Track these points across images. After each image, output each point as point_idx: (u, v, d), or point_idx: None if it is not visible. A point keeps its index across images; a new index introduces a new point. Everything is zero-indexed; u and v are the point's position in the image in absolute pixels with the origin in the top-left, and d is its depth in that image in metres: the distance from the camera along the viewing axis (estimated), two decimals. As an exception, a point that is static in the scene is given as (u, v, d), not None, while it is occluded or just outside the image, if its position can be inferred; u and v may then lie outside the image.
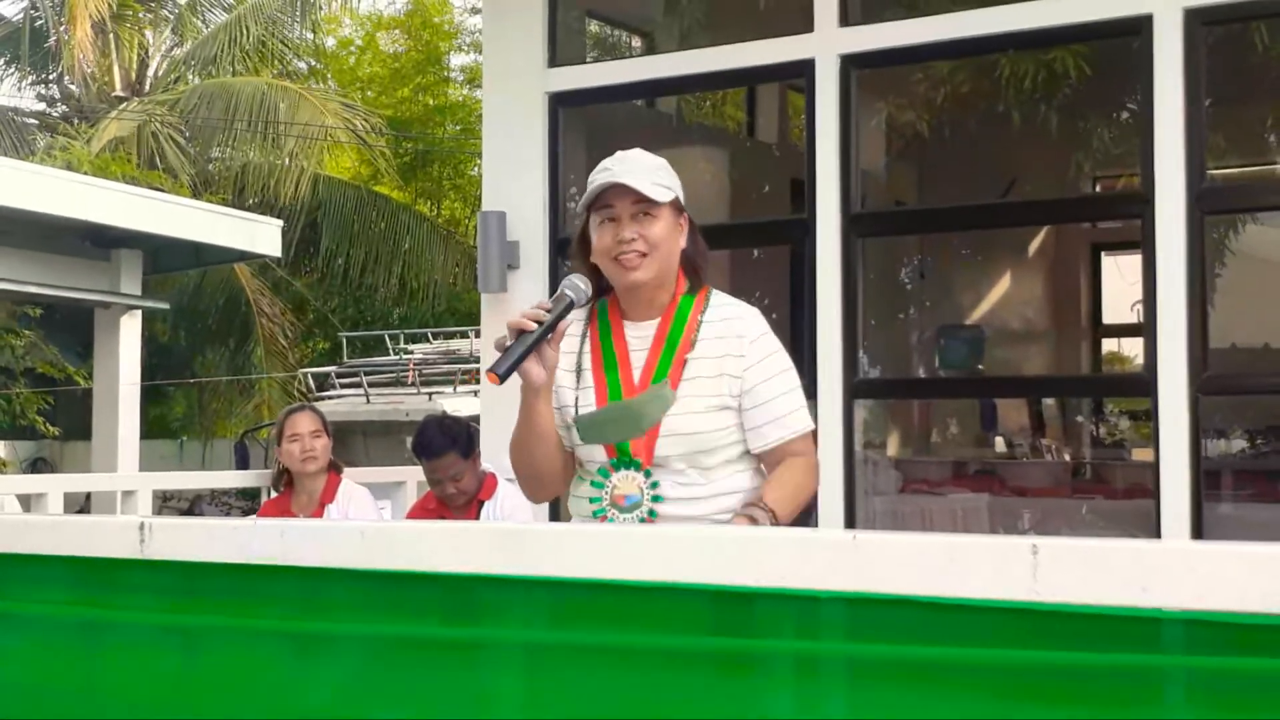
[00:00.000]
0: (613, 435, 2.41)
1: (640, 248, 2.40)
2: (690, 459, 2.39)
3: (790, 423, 2.43)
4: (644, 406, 2.39)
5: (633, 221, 2.41)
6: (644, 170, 2.44)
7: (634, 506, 2.38)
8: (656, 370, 2.42)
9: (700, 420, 2.39)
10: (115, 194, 9.60)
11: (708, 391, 2.40)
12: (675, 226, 2.46)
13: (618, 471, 2.40)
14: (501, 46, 4.48)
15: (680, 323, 2.46)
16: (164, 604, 1.74)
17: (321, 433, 4.46)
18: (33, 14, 18.24)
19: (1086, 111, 6.71)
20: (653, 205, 2.41)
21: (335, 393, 11.13)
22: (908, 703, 1.34)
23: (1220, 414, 5.87)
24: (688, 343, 2.43)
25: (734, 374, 2.41)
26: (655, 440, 2.38)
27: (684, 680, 1.45)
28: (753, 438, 2.43)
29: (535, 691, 1.53)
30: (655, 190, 2.41)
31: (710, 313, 2.48)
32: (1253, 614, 1.21)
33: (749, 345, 2.44)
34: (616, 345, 2.47)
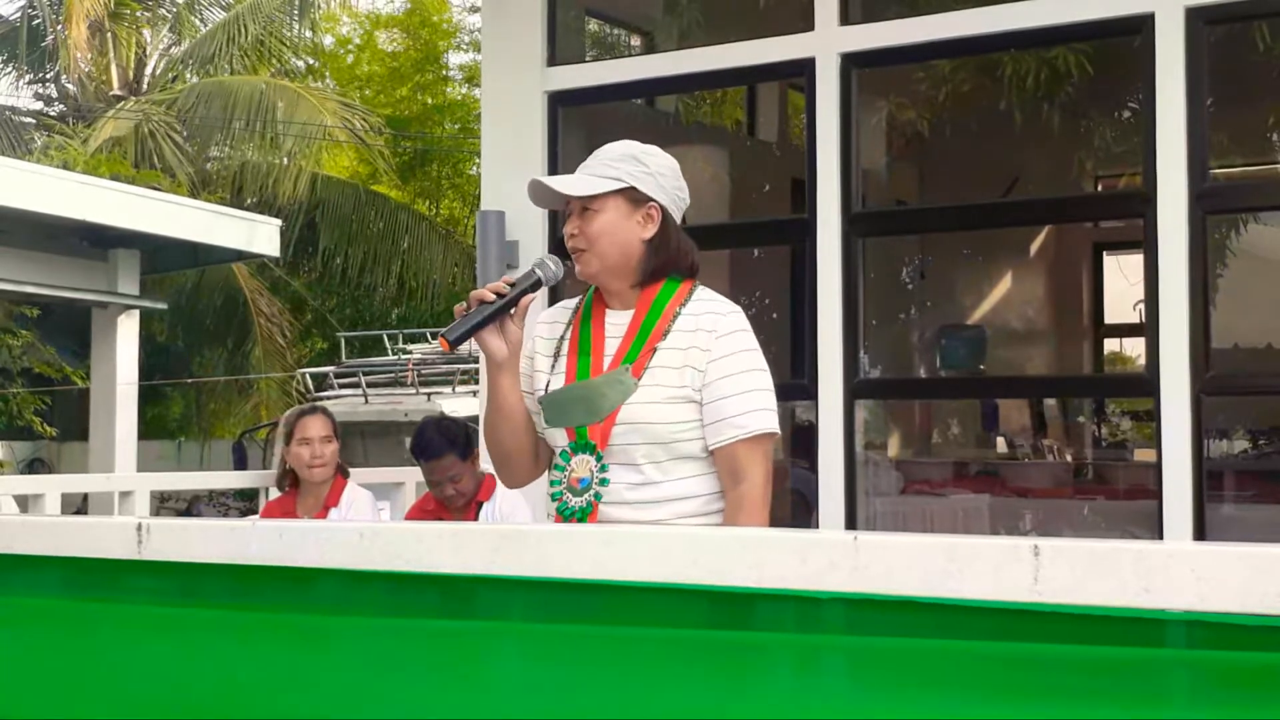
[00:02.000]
0: (573, 418, 2.40)
1: (579, 244, 2.42)
2: (645, 450, 2.36)
3: (745, 423, 2.36)
4: (604, 389, 2.38)
5: (577, 216, 2.44)
6: (598, 164, 2.45)
7: (585, 490, 2.37)
8: (625, 357, 2.40)
9: (658, 410, 2.36)
10: (113, 193, 9.59)
11: (670, 382, 2.37)
12: (627, 217, 2.43)
13: (576, 455, 2.39)
14: (500, 45, 4.47)
15: (656, 312, 2.44)
16: (162, 605, 1.73)
17: (332, 437, 4.46)
18: (30, 13, 18.24)
19: (1088, 110, 6.71)
20: (592, 199, 2.41)
21: (333, 393, 11.12)
22: (908, 704, 1.34)
23: (1223, 414, 5.86)
24: (660, 332, 2.41)
25: (697, 367, 2.38)
26: (611, 426, 2.36)
27: (683, 681, 1.44)
28: (709, 433, 2.38)
29: (534, 692, 1.52)
30: (582, 184, 2.42)
31: (690, 305, 2.45)
32: (1255, 615, 1.20)
33: (716, 340, 2.40)
34: (594, 331, 2.47)
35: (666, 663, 1.44)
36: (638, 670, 1.46)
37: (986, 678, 1.31)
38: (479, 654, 1.55)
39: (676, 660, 1.44)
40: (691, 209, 2.57)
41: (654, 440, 2.36)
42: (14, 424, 14.43)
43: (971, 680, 1.31)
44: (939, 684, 1.33)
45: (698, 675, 1.44)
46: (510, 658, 1.53)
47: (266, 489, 5.01)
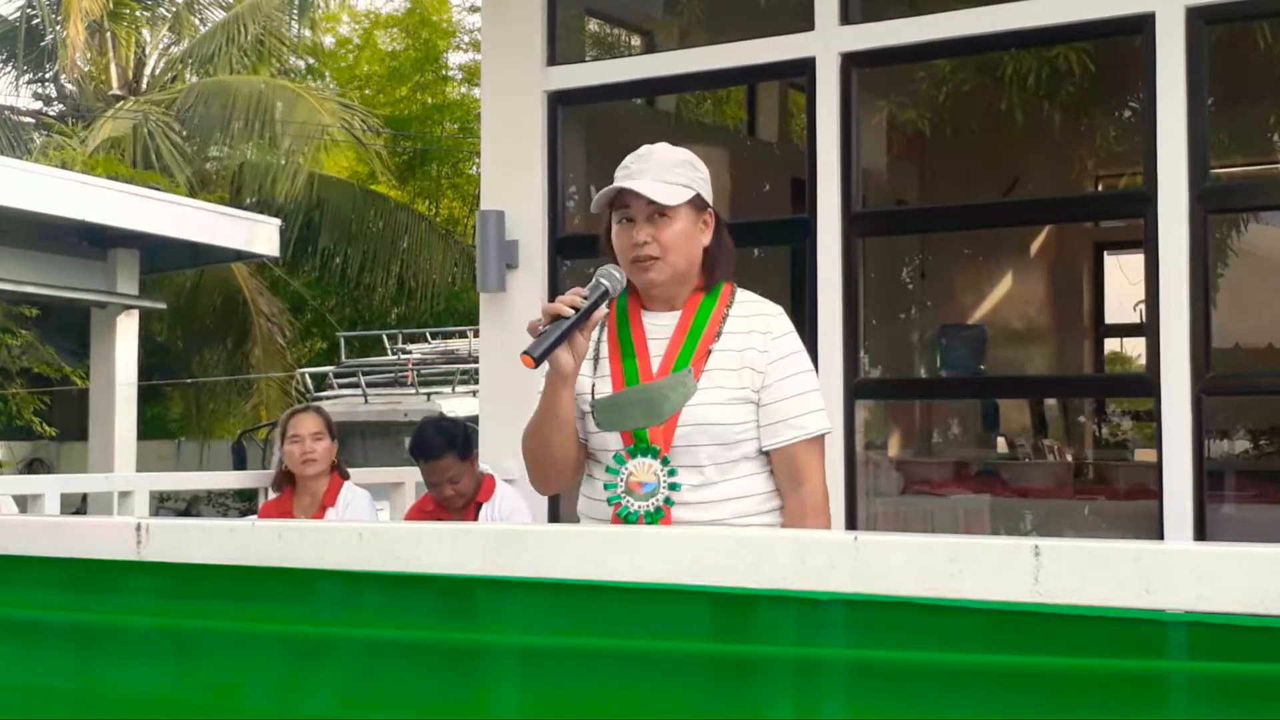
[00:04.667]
0: (631, 421, 2.39)
1: (653, 251, 2.40)
2: (709, 451, 2.37)
3: (804, 424, 2.41)
4: (666, 391, 2.38)
5: (647, 223, 2.41)
6: (661, 169, 2.43)
7: (650, 494, 2.35)
8: (678, 359, 2.40)
9: (721, 411, 2.37)
10: (112, 193, 9.59)
11: (730, 383, 2.39)
12: (695, 225, 2.45)
13: (634, 459, 2.38)
14: (500, 45, 4.47)
15: (704, 315, 2.45)
16: (161, 605, 1.73)
17: (324, 435, 4.45)
18: (29, 12, 18.23)
19: (1089, 110, 6.71)
20: (667, 207, 2.40)
21: (333, 393, 11.11)
22: (908, 704, 1.33)
23: (1223, 414, 5.86)
24: (712, 334, 2.42)
25: (756, 368, 2.40)
26: (674, 429, 2.36)
27: (683, 682, 1.44)
28: (765, 435, 2.41)
29: (533, 693, 1.52)
30: (668, 192, 2.39)
31: (736, 307, 2.47)
32: (1256, 616, 1.20)
33: (773, 341, 2.43)
34: (635, 334, 2.46)
35: (666, 663, 1.44)
36: (637, 671, 1.45)
37: (986, 677, 1.31)
38: (478, 653, 1.54)
39: (676, 660, 1.44)
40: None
41: (718, 441, 2.37)
42: (13, 424, 14.42)
43: (972, 680, 1.31)
44: (939, 684, 1.33)
45: (697, 675, 1.43)
46: (509, 657, 1.53)
47: (265, 489, 5.00)
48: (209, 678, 1.70)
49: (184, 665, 1.72)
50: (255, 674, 1.66)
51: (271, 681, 1.66)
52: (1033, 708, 1.29)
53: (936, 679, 1.32)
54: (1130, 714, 1.26)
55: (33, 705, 1.84)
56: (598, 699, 1.46)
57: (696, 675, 1.43)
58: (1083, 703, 1.27)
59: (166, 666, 1.73)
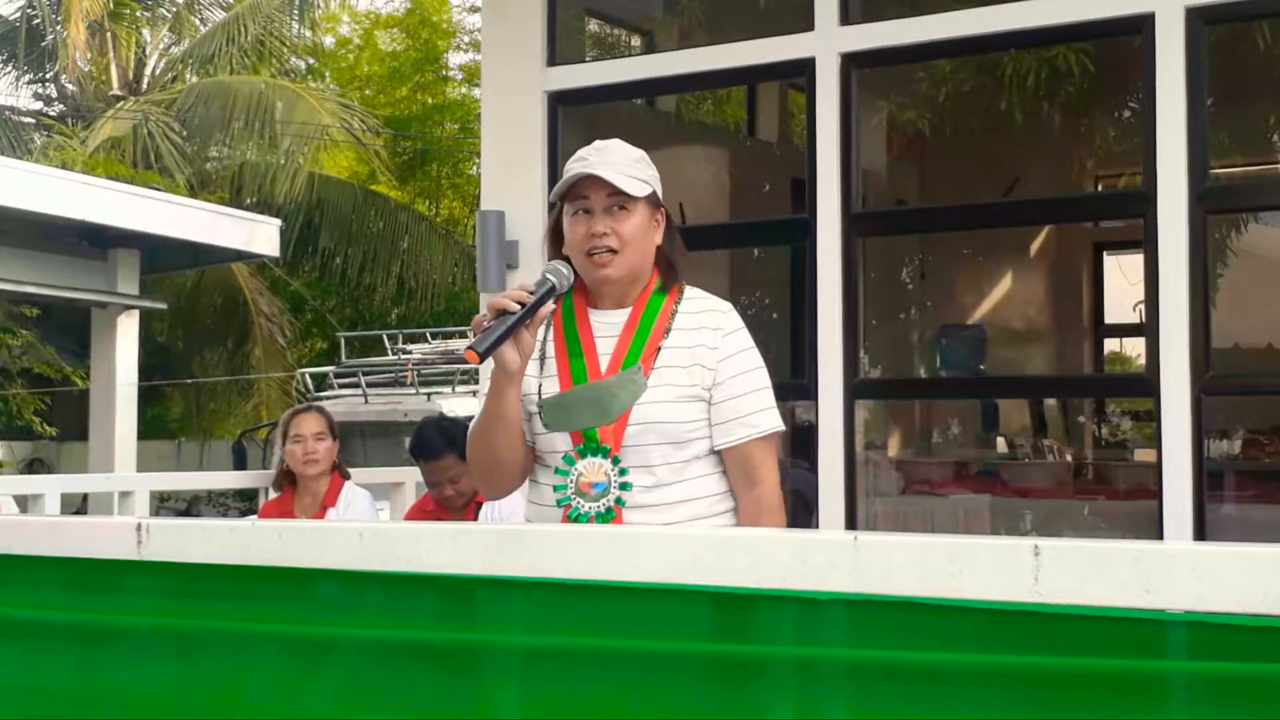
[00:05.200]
0: (580, 421, 2.34)
1: (612, 244, 2.35)
2: (660, 451, 2.32)
3: (757, 422, 2.37)
4: (615, 390, 2.33)
5: (606, 215, 2.35)
6: (621, 162, 2.38)
7: (601, 495, 2.31)
8: (627, 357, 2.35)
9: (672, 409, 2.33)
10: (112, 193, 9.59)
11: (680, 381, 2.34)
12: (651, 222, 2.40)
13: (583, 459, 2.33)
14: (500, 45, 4.47)
15: (653, 312, 2.40)
16: (161, 605, 1.73)
17: (325, 435, 4.45)
18: (29, 13, 18.23)
19: (1088, 110, 6.71)
20: (627, 199, 2.35)
21: (333, 393, 11.11)
22: (909, 704, 1.33)
23: (1223, 414, 5.86)
24: (660, 331, 2.37)
25: (707, 365, 2.36)
26: (624, 427, 2.31)
27: (683, 682, 1.44)
28: (718, 433, 2.37)
29: (534, 693, 1.52)
30: (631, 184, 2.35)
31: (685, 304, 2.43)
32: (1256, 615, 1.20)
33: (724, 338, 2.39)
34: (581, 333, 2.40)
35: (666, 663, 1.44)
36: (637, 670, 1.45)
37: (986, 677, 1.31)
38: (478, 653, 1.54)
39: (676, 660, 1.44)
40: (691, 209, 2.57)
41: (669, 440, 2.33)
42: (14, 424, 14.42)
43: (972, 680, 1.31)
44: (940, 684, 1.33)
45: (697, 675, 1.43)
46: (510, 656, 1.53)
47: (266, 489, 5.01)
48: (209, 678, 1.70)
49: (184, 665, 1.72)
50: (255, 674, 1.66)
51: (271, 681, 1.66)
52: (1033, 708, 1.29)
53: (936, 679, 1.32)
54: (1130, 714, 1.26)
55: (33, 705, 1.84)
56: (598, 699, 1.46)
57: (696, 675, 1.43)
58: (1083, 703, 1.27)
59: (166, 666, 1.73)
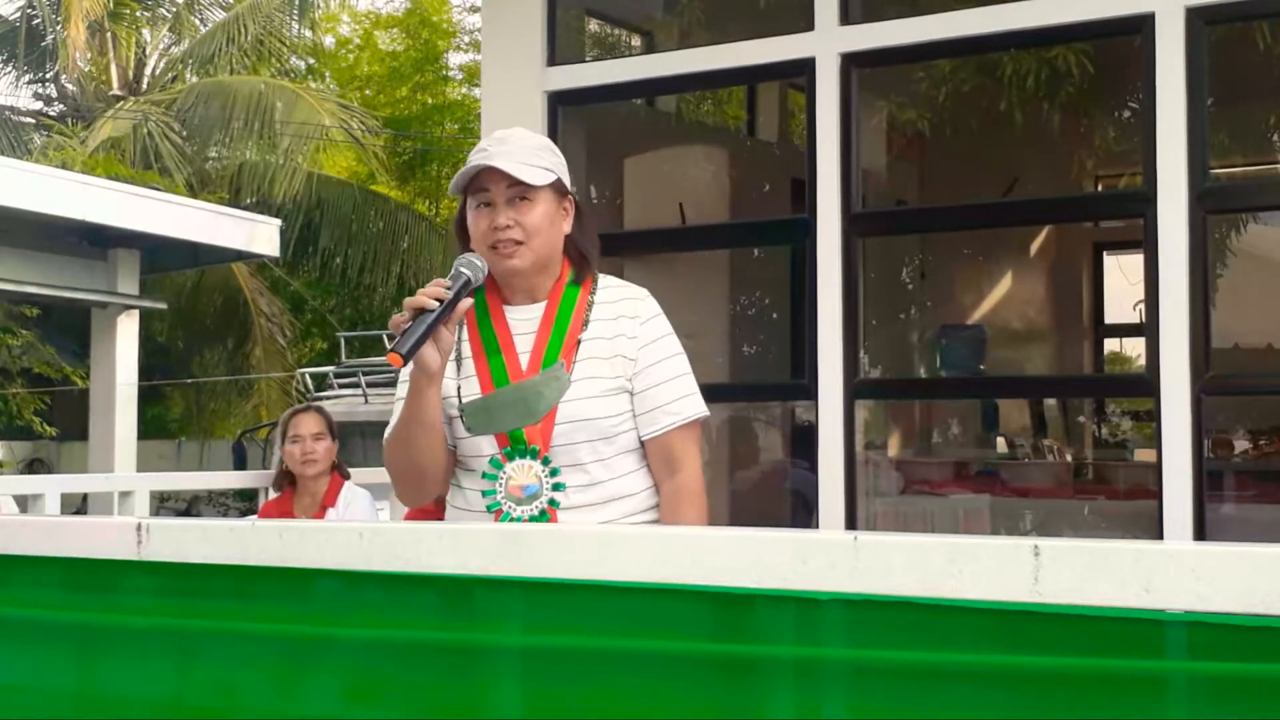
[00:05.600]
0: (505, 423, 2.28)
1: (516, 235, 2.29)
2: (590, 447, 2.27)
3: (680, 409, 2.33)
4: (540, 388, 2.27)
5: (508, 206, 2.30)
6: (522, 151, 2.32)
7: (533, 497, 2.25)
8: (547, 353, 2.29)
9: (599, 404, 2.28)
10: (112, 193, 9.59)
11: (604, 373, 2.30)
12: (557, 211, 2.35)
13: (511, 461, 2.27)
14: (500, 45, 4.47)
15: (569, 305, 2.34)
16: (161, 605, 1.73)
17: (324, 435, 4.45)
18: (29, 13, 18.23)
19: (1088, 110, 6.71)
20: (529, 189, 2.29)
21: (333, 393, 11.11)
22: (908, 705, 1.33)
23: (1223, 414, 5.86)
24: (579, 323, 2.32)
25: (628, 355, 2.31)
26: (552, 426, 2.25)
27: (683, 682, 1.44)
28: (642, 423, 2.32)
29: (534, 692, 1.52)
30: (532, 173, 2.29)
31: (601, 294, 2.37)
32: (1256, 616, 1.20)
33: (641, 326, 2.34)
34: (498, 329, 2.34)
35: (665, 663, 1.44)
36: (636, 670, 1.45)
37: (986, 677, 1.31)
38: (478, 653, 1.54)
39: (675, 660, 1.44)
40: (691, 209, 2.56)
41: (598, 436, 2.28)
42: (14, 424, 14.43)
43: (972, 680, 1.31)
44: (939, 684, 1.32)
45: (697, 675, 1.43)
46: (510, 656, 1.53)
47: (266, 489, 5.01)
48: (209, 678, 1.70)
49: (184, 665, 1.72)
50: (255, 674, 1.66)
51: (271, 681, 1.66)
52: (1032, 708, 1.29)
53: (936, 679, 1.32)
54: (1130, 714, 1.26)
55: (32, 705, 1.84)
56: (598, 699, 1.46)
57: (696, 675, 1.43)
58: (1082, 703, 1.27)
59: (166, 666, 1.73)
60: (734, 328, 6.29)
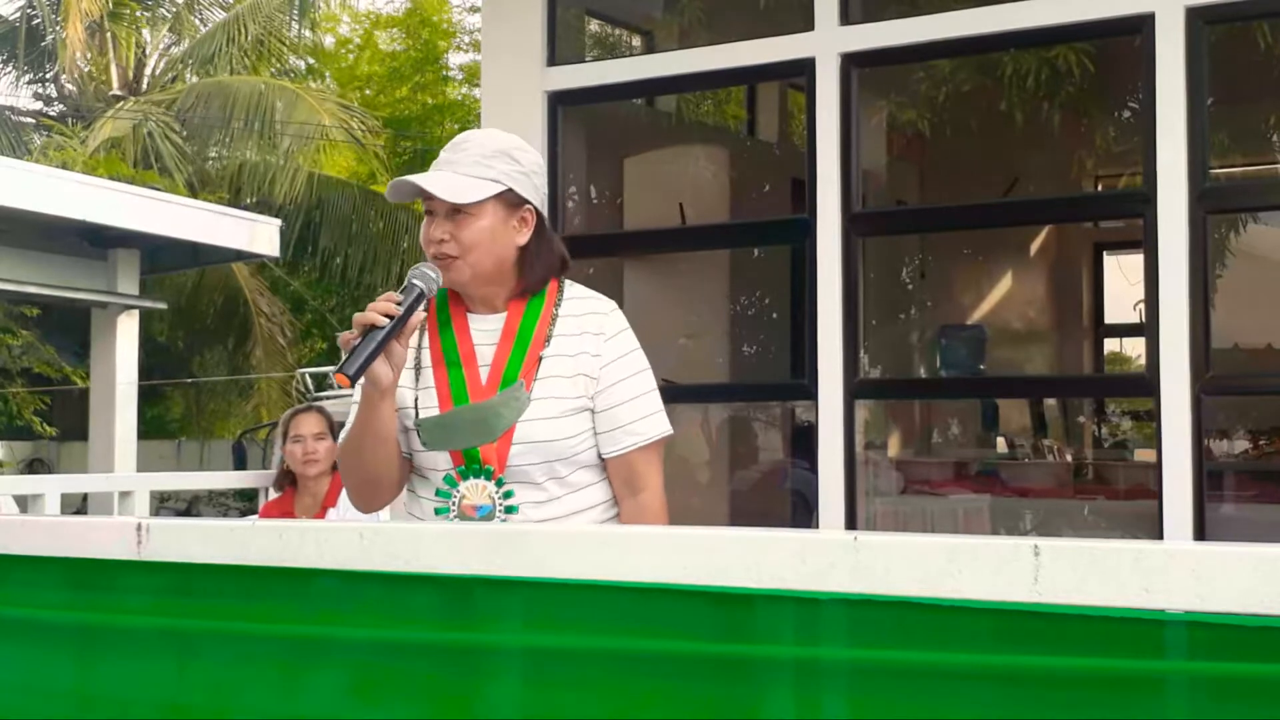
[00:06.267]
0: (461, 440, 2.23)
1: (450, 250, 2.22)
2: (547, 467, 2.22)
3: (643, 429, 2.28)
4: (499, 409, 2.21)
5: (446, 220, 2.23)
6: (469, 162, 2.24)
7: (486, 517, 2.21)
8: (507, 369, 2.23)
9: (557, 426, 2.22)
10: (112, 193, 9.59)
11: (565, 393, 2.23)
12: (505, 223, 2.25)
13: (465, 480, 2.23)
14: (500, 45, 4.47)
15: (532, 318, 2.28)
16: (161, 605, 1.73)
17: (326, 435, 4.46)
18: (29, 13, 18.24)
19: (1088, 110, 6.71)
20: (463, 204, 2.22)
21: (334, 393, 11.11)
22: (908, 705, 1.33)
23: (1223, 414, 5.86)
24: (541, 339, 2.25)
25: (590, 374, 2.25)
26: (508, 446, 2.20)
27: (682, 682, 1.44)
28: (603, 442, 2.27)
29: (533, 693, 1.52)
30: (463, 188, 2.21)
31: (565, 305, 2.30)
32: (1256, 616, 1.20)
33: (605, 343, 2.27)
34: (460, 341, 2.28)
35: (665, 663, 1.44)
36: (636, 670, 1.45)
37: (986, 677, 1.31)
38: (478, 653, 1.54)
39: (675, 660, 1.44)
40: (691, 209, 2.55)
41: (555, 457, 2.22)
42: (14, 424, 14.43)
43: (971, 680, 1.31)
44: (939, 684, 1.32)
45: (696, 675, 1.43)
46: (510, 656, 1.53)
47: (266, 489, 5.00)
48: (209, 678, 1.70)
49: (184, 665, 1.72)
50: (255, 674, 1.66)
51: (271, 681, 1.66)
52: (1032, 708, 1.29)
53: (936, 679, 1.32)
54: (1130, 714, 1.26)
55: (32, 705, 1.84)
56: (597, 699, 1.46)
57: (696, 675, 1.43)
58: (1082, 703, 1.27)
59: (166, 666, 1.73)
60: (734, 328, 6.29)
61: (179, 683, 1.73)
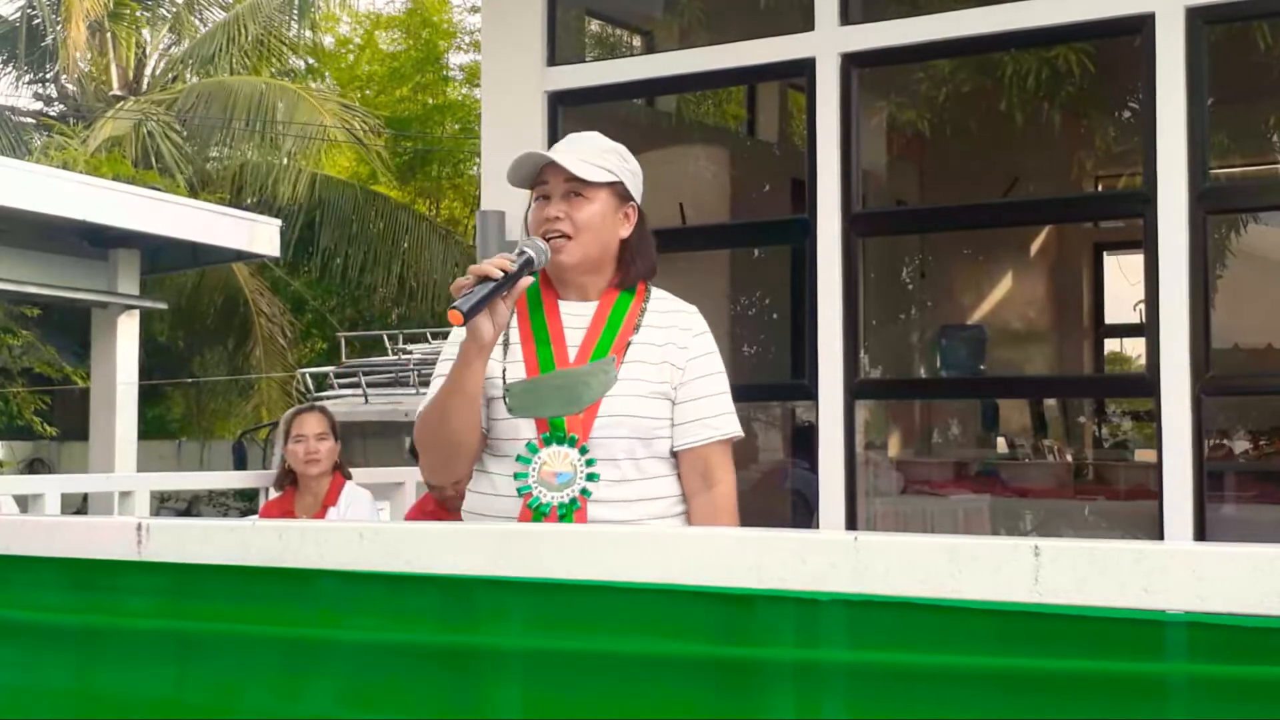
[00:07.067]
0: (548, 408, 2.30)
1: (565, 228, 2.33)
2: (626, 445, 2.30)
3: (720, 425, 2.38)
4: (587, 379, 2.30)
5: (562, 200, 2.35)
6: (587, 151, 2.38)
7: (565, 485, 2.27)
8: (596, 349, 2.33)
9: (642, 404, 2.31)
10: (112, 193, 9.59)
11: (650, 377, 2.33)
12: (614, 213, 2.38)
13: (548, 447, 2.28)
14: (500, 45, 4.47)
15: (622, 308, 2.38)
16: (161, 605, 1.73)
17: (327, 435, 4.46)
18: (30, 13, 18.24)
19: (1088, 110, 6.71)
20: (585, 185, 2.34)
21: (334, 393, 11.10)
22: (909, 705, 1.33)
23: (1223, 414, 5.86)
24: (630, 327, 2.36)
25: (676, 364, 2.36)
26: (594, 418, 2.28)
27: (683, 683, 1.44)
28: (679, 433, 2.35)
29: (534, 693, 1.52)
30: (589, 170, 2.33)
31: (654, 303, 2.42)
32: (1256, 616, 1.20)
33: (693, 339, 2.40)
34: (550, 321, 2.37)
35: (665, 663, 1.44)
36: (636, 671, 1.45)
37: (986, 678, 1.31)
38: (479, 654, 1.54)
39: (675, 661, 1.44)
40: (691, 209, 2.56)
41: (637, 435, 2.31)
42: (14, 424, 14.43)
43: (971, 680, 1.31)
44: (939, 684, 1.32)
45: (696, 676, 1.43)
46: (510, 656, 1.53)
47: (266, 489, 5.01)
48: (209, 678, 1.70)
49: (184, 665, 1.72)
50: (255, 674, 1.66)
51: (271, 682, 1.66)
52: (1032, 708, 1.29)
53: (936, 680, 1.32)
54: (1130, 714, 1.26)
55: (32, 706, 1.84)
56: (598, 700, 1.46)
57: (696, 676, 1.43)
58: (1083, 703, 1.27)
59: (166, 667, 1.73)
60: (734, 328, 6.29)
61: (179, 683, 1.73)
